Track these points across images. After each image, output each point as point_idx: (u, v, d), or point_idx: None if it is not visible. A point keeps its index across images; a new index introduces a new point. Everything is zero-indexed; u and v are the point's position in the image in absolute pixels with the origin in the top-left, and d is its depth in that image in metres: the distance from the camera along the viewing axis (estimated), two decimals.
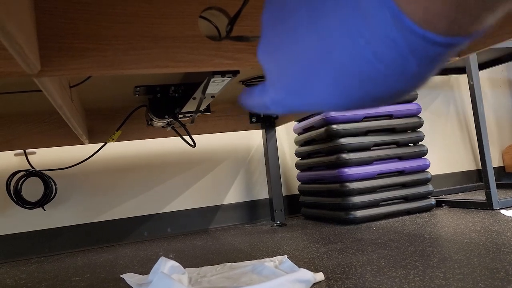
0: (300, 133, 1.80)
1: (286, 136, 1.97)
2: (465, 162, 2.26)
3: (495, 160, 2.31)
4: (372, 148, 1.55)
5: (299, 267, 0.89)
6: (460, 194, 1.98)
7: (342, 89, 0.21)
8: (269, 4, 0.25)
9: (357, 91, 0.21)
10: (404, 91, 0.20)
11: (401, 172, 1.57)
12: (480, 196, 1.72)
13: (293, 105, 0.24)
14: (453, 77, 2.30)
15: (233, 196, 1.85)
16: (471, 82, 1.52)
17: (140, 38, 0.57)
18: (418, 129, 1.65)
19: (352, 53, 0.19)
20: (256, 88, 0.28)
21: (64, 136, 1.39)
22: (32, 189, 1.55)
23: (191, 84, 1.20)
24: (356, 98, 0.21)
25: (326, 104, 0.22)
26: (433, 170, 2.10)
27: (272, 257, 1.04)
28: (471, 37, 0.18)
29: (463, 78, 2.32)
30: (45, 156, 1.61)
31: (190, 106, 1.16)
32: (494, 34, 0.71)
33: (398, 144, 1.59)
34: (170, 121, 1.27)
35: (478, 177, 2.26)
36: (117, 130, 1.43)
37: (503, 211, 1.41)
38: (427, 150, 1.62)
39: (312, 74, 0.22)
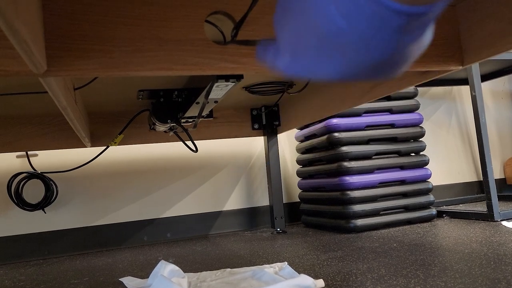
0: (301, 141, 1.80)
1: (288, 143, 1.97)
2: (467, 173, 2.26)
3: (496, 172, 2.31)
4: (373, 157, 1.55)
5: (299, 273, 0.88)
6: (461, 205, 1.98)
7: (326, 54, 0.23)
8: None
9: (339, 57, 0.22)
10: (385, 62, 0.21)
11: (402, 182, 1.56)
12: (481, 208, 1.72)
13: (297, 69, 0.26)
14: (455, 88, 2.31)
15: (233, 202, 1.85)
16: (473, 93, 1.52)
17: (145, 40, 0.58)
18: (420, 139, 1.65)
19: (326, 19, 0.21)
20: (271, 47, 0.30)
21: (66, 138, 1.39)
22: (33, 191, 1.55)
23: (194, 89, 1.20)
24: (342, 64, 0.22)
25: (319, 69, 0.24)
26: (434, 181, 2.10)
27: (272, 263, 1.04)
28: (435, 7, 0.18)
29: (465, 89, 2.32)
30: (47, 159, 1.62)
31: (193, 111, 1.16)
32: (497, 44, 0.71)
33: (399, 154, 1.59)
34: (173, 125, 1.28)
35: (479, 188, 2.25)
36: (119, 134, 1.43)
37: (504, 223, 1.41)
38: (429, 160, 1.62)
39: (302, 39, 0.24)
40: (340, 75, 0.24)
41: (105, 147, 1.45)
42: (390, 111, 1.60)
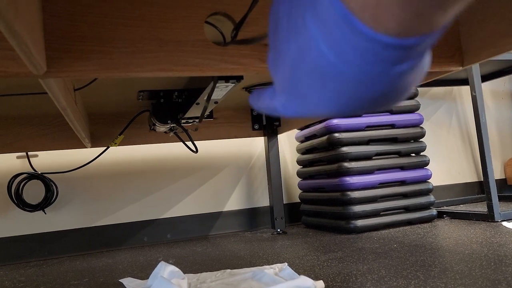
0: (302, 141, 1.80)
1: (288, 144, 1.97)
2: (467, 174, 2.26)
3: (497, 172, 2.31)
4: (373, 158, 1.55)
5: (299, 274, 0.88)
6: (461, 205, 1.97)
7: (319, 90, 0.21)
8: (270, 16, 0.26)
9: (337, 92, 0.21)
10: (385, 95, 0.20)
11: (402, 182, 1.56)
12: (481, 208, 1.72)
13: (295, 109, 0.25)
14: (456, 88, 2.30)
15: (233, 203, 1.85)
16: (473, 93, 1.52)
17: (145, 41, 0.58)
18: (420, 139, 1.65)
19: (317, 56, 0.20)
20: (266, 91, 0.29)
21: (66, 139, 1.39)
22: (33, 192, 1.55)
23: (194, 90, 1.20)
24: (341, 100, 0.21)
25: (319, 107, 0.23)
26: (434, 181, 2.10)
27: (272, 264, 1.03)
28: (427, 38, 0.17)
29: (465, 90, 2.32)
30: (47, 159, 1.62)
31: (193, 111, 1.16)
32: (497, 44, 0.71)
33: (400, 154, 1.59)
34: (173, 126, 1.28)
35: (479, 189, 2.25)
36: (119, 135, 1.43)
37: (504, 223, 1.41)
38: (429, 160, 1.62)
39: (297, 78, 0.22)
40: (336, 110, 0.22)
41: (105, 147, 1.45)
42: (390, 111, 1.60)
